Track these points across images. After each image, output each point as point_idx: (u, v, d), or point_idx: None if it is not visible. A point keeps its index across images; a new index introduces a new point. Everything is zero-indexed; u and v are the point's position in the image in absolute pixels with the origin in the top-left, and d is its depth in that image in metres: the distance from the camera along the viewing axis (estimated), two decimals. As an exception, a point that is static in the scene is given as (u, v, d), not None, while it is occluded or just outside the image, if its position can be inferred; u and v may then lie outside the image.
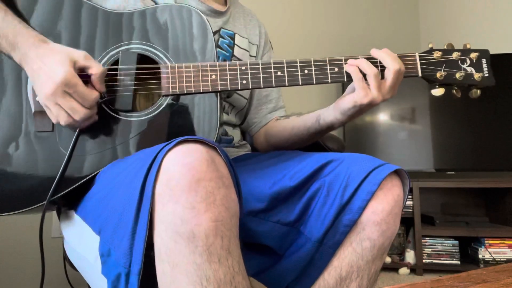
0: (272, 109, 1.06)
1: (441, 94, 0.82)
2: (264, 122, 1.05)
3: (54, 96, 0.66)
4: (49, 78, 0.66)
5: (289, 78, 0.77)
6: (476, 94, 0.81)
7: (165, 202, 0.51)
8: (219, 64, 0.75)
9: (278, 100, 1.07)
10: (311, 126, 0.88)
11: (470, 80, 0.80)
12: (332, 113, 0.82)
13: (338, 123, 0.83)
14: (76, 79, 0.67)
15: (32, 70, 0.68)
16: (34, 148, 0.71)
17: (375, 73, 0.74)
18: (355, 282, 0.69)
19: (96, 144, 0.72)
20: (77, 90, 0.66)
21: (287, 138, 0.95)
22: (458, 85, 0.81)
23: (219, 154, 0.56)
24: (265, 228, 0.75)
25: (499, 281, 0.60)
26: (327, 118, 0.83)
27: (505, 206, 2.27)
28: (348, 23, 2.77)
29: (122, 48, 0.76)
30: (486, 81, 0.80)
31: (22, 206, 0.70)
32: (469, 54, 0.81)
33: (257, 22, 1.09)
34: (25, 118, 0.73)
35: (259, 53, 1.06)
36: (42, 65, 0.67)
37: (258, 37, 1.06)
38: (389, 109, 2.48)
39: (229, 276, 0.50)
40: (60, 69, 0.65)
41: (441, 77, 0.79)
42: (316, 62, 0.77)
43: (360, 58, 0.77)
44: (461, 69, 0.80)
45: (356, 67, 0.76)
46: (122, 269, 0.54)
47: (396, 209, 0.69)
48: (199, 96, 0.75)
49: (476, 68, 0.80)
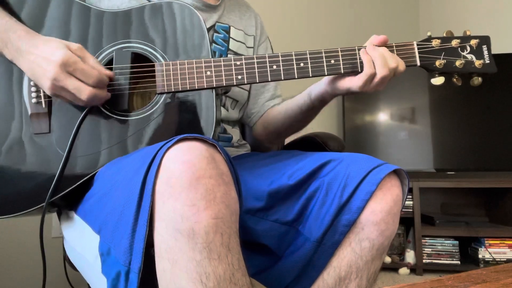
0: (270, 98, 1.06)
1: (441, 83, 0.80)
2: (262, 112, 1.06)
3: (57, 80, 0.66)
4: (48, 63, 0.66)
5: (284, 72, 0.76)
6: (477, 81, 0.79)
7: (165, 199, 0.51)
8: (213, 60, 0.75)
9: (275, 89, 1.08)
10: (303, 103, 0.89)
11: (470, 67, 0.78)
12: (323, 87, 0.84)
13: (329, 96, 0.84)
14: (75, 57, 0.67)
15: (29, 62, 0.68)
16: (31, 150, 0.71)
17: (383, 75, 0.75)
18: (354, 282, 0.69)
19: (93, 144, 0.72)
20: (78, 67, 0.66)
21: (282, 122, 0.97)
22: (459, 73, 0.79)
23: (219, 152, 0.56)
24: (263, 227, 0.75)
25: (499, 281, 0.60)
26: (318, 91, 0.85)
27: (505, 206, 2.27)
28: (346, 14, 2.77)
29: (116, 47, 0.76)
30: (487, 68, 0.78)
31: (22, 209, 0.70)
32: (469, 41, 0.79)
33: (253, 12, 1.09)
34: (22, 120, 0.73)
35: (256, 43, 1.06)
36: (38, 54, 0.67)
37: (254, 27, 1.06)
38: (389, 109, 2.48)
39: (229, 273, 0.51)
40: (58, 52, 0.66)
41: (441, 65, 0.78)
42: (311, 54, 0.77)
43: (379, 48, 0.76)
44: (461, 56, 0.78)
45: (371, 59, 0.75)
46: (122, 267, 0.54)
47: (395, 209, 0.69)
48: (194, 93, 0.75)
49: (477, 55, 0.78)
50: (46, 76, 0.66)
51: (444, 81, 0.80)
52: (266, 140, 1.06)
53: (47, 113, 0.73)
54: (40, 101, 0.73)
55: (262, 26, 1.11)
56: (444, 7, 2.83)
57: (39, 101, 0.73)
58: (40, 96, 0.73)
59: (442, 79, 0.80)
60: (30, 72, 0.69)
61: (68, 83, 0.66)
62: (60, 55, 0.65)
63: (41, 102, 0.73)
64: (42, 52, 0.67)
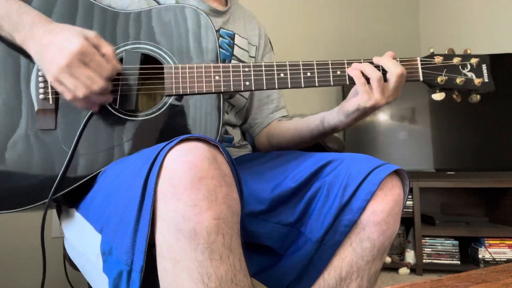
0: (274, 109, 1.06)
1: (442, 99, 0.82)
2: (266, 123, 1.05)
3: (70, 67, 0.65)
4: (63, 49, 0.65)
5: (292, 81, 0.77)
6: (476, 99, 0.82)
7: (167, 199, 0.51)
8: (222, 65, 0.76)
9: (279, 100, 1.08)
10: (315, 128, 0.88)
11: (470, 85, 0.81)
12: (336, 115, 0.83)
13: (342, 126, 0.83)
14: (93, 48, 0.66)
15: (41, 45, 0.67)
16: (37, 146, 0.71)
17: (378, 77, 0.75)
18: (355, 282, 0.69)
19: (98, 143, 0.72)
20: (94, 59, 0.66)
21: (289, 139, 0.96)
22: (459, 90, 0.82)
23: (221, 153, 0.56)
24: (266, 229, 0.75)
25: (499, 281, 0.60)
26: (331, 121, 0.84)
27: (505, 206, 2.27)
28: (348, 24, 2.78)
29: (126, 47, 0.76)
30: (486, 87, 0.81)
31: (24, 204, 0.70)
32: (470, 59, 0.81)
33: (257, 23, 1.10)
34: (28, 116, 0.73)
35: (259, 54, 1.06)
36: (53, 39, 0.66)
37: (257, 38, 1.07)
38: (389, 109, 2.48)
39: (231, 274, 0.51)
40: (75, 40, 0.65)
41: (442, 81, 0.80)
42: (318, 64, 0.78)
43: (363, 62, 0.77)
44: (462, 74, 0.81)
45: (359, 71, 0.76)
46: (124, 267, 0.54)
47: (396, 209, 0.69)
48: (201, 97, 0.75)
49: (477, 73, 0.81)
50: (57, 63, 0.65)
51: (445, 97, 0.82)
52: (268, 151, 1.06)
53: (53, 109, 0.73)
54: (47, 97, 0.72)
55: (266, 37, 1.11)
56: (444, 8, 2.83)
57: (47, 97, 0.72)
58: (47, 92, 0.73)
59: (443, 95, 0.82)
60: (38, 55, 0.68)
61: (82, 71, 0.65)
62: (78, 44, 0.65)
63: (48, 98, 0.72)
64: (57, 39, 0.66)
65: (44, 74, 0.69)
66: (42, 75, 0.73)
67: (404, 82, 0.78)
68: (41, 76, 0.73)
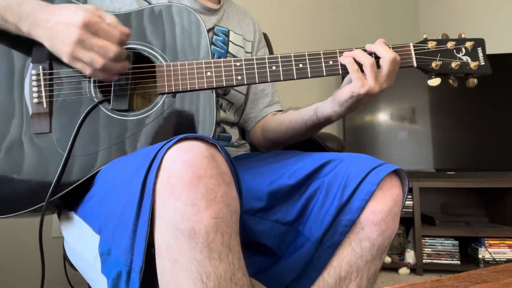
0: (268, 104, 1.06)
1: (438, 84, 0.81)
2: (260, 117, 1.05)
3: (81, 41, 0.65)
4: (70, 26, 0.65)
5: (284, 73, 0.77)
6: (473, 83, 0.81)
7: (166, 199, 0.51)
8: (213, 61, 0.76)
9: (273, 95, 1.08)
10: (309, 119, 0.88)
11: (466, 69, 0.79)
12: (329, 105, 0.82)
13: (336, 115, 0.83)
14: (96, 17, 0.66)
15: (47, 30, 0.67)
16: (31, 150, 0.71)
17: (371, 63, 0.75)
18: (355, 282, 0.69)
19: (93, 144, 0.72)
20: (101, 27, 0.66)
21: (284, 132, 0.96)
22: (455, 74, 0.81)
23: (219, 151, 0.56)
24: (264, 227, 0.75)
25: (499, 281, 0.60)
26: (324, 111, 0.84)
27: (505, 206, 2.27)
28: (345, 17, 2.77)
29: None
30: (482, 69, 0.79)
31: (21, 208, 0.70)
32: (464, 43, 0.80)
33: (251, 19, 1.10)
34: (22, 120, 0.73)
35: (254, 49, 1.07)
36: (57, 19, 0.67)
37: (252, 33, 1.07)
38: (389, 109, 2.48)
39: (230, 273, 0.51)
40: (79, 13, 0.65)
41: (437, 66, 0.79)
42: (310, 55, 0.78)
43: (355, 50, 0.77)
44: (457, 58, 0.80)
45: (351, 58, 0.76)
46: (123, 267, 0.54)
47: (395, 209, 0.69)
48: (195, 94, 0.75)
49: (472, 57, 0.80)
50: (69, 40, 0.65)
51: (441, 82, 0.81)
52: (263, 146, 1.06)
53: (48, 113, 0.73)
54: (41, 101, 0.73)
55: (260, 33, 1.12)
56: (444, 9, 2.83)
57: (41, 101, 0.73)
58: (41, 96, 0.73)
59: (438, 80, 0.82)
60: (48, 40, 0.68)
61: (94, 42, 0.66)
62: (81, 16, 0.65)
63: (42, 102, 0.73)
64: (61, 18, 0.66)
65: (60, 57, 0.69)
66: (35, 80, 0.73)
67: (397, 68, 0.77)
68: (34, 81, 0.73)
